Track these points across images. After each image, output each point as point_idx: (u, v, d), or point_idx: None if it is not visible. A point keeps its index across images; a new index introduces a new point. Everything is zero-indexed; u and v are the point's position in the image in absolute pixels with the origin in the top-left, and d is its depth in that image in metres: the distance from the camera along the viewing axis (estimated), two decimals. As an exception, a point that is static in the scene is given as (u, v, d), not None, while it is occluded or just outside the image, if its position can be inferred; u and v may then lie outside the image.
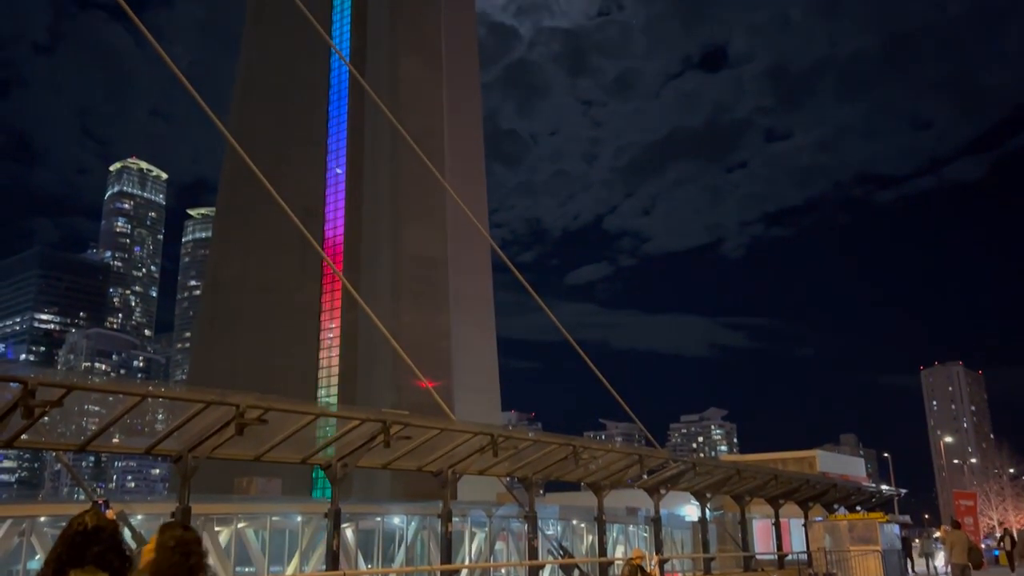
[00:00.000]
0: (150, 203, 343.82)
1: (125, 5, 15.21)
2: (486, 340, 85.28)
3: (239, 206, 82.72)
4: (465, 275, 79.89)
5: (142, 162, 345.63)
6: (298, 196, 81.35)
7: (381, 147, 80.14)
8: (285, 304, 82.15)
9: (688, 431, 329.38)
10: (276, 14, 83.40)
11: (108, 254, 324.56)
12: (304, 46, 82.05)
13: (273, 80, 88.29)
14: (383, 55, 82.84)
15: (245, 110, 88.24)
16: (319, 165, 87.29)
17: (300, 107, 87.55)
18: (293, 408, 16.24)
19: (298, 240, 73.69)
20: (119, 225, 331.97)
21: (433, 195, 73.58)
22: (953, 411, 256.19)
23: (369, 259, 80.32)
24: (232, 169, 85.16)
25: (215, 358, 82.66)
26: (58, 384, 12.22)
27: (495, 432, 20.17)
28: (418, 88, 79.85)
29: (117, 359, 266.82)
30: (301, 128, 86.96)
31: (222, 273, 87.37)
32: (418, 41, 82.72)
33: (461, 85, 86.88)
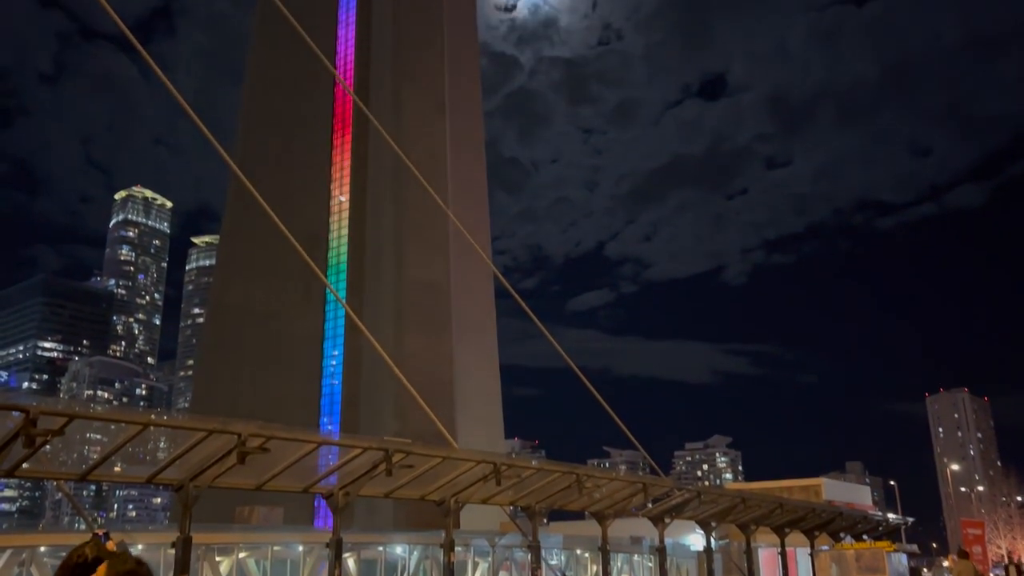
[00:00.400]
0: (154, 231, 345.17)
1: (131, 36, 15.37)
2: (489, 367, 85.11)
3: (243, 234, 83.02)
4: (468, 302, 79.92)
5: (147, 190, 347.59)
6: (302, 223, 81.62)
7: (384, 175, 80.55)
8: (288, 331, 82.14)
9: (692, 459, 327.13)
10: (281, 45, 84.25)
11: (112, 282, 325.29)
12: (309, 76, 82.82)
13: (278, 109, 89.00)
14: (387, 84, 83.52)
15: (250, 139, 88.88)
16: (323, 192, 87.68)
17: (304, 135, 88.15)
18: (295, 436, 16.16)
19: (302, 267, 73.89)
20: (123, 253, 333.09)
21: (436, 222, 73.83)
22: (959, 438, 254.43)
23: (372, 286, 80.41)
24: (236, 197, 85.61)
25: (218, 385, 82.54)
26: (60, 413, 12.19)
27: (498, 460, 20.05)
28: (421, 116, 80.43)
29: (120, 387, 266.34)
30: (305, 156, 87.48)
31: (226, 300, 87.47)
32: (422, 70, 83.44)
33: (464, 113, 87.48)
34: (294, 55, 78.15)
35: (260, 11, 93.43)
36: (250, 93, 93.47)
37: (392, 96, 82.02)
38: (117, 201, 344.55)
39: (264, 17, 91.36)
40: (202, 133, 20.08)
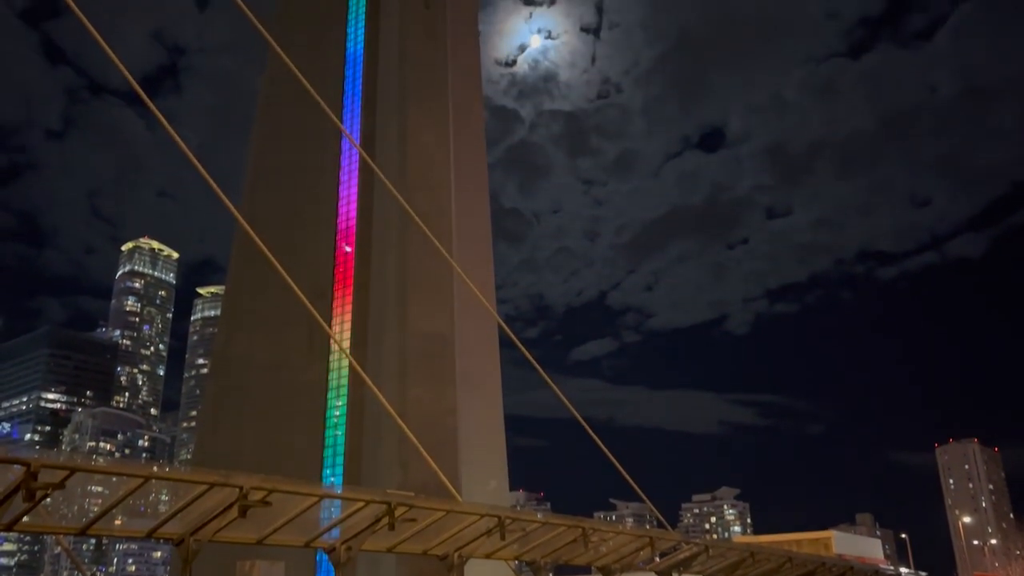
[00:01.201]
0: (160, 282, 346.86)
1: (141, 92, 15.69)
2: (493, 418, 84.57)
3: (248, 284, 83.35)
4: (472, 352, 79.80)
5: (153, 241, 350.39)
6: (307, 274, 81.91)
7: (390, 226, 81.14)
8: (292, 382, 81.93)
9: (700, 511, 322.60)
10: (288, 98, 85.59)
11: (117, 333, 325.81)
12: (315, 128, 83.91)
13: (284, 161, 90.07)
14: (393, 136, 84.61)
15: (256, 191, 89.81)
16: (328, 243, 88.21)
17: (311, 187, 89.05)
18: (297, 490, 16.02)
19: (306, 318, 73.87)
20: (129, 304, 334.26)
21: (441, 273, 74.08)
22: (971, 489, 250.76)
23: (376, 336, 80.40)
24: (242, 248, 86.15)
25: (220, 437, 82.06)
26: (61, 466, 12.12)
27: (502, 514, 19.82)
28: (427, 168, 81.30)
29: (122, 438, 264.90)
30: (311, 208, 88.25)
31: (229, 351, 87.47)
32: (427, 122, 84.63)
33: (469, 165, 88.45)
34: (301, 109, 79.27)
35: (269, 68, 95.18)
36: (257, 146, 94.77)
37: (398, 148, 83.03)
38: (124, 252, 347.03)
39: (273, 73, 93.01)
40: (209, 185, 20.35)
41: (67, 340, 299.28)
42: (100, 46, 14.79)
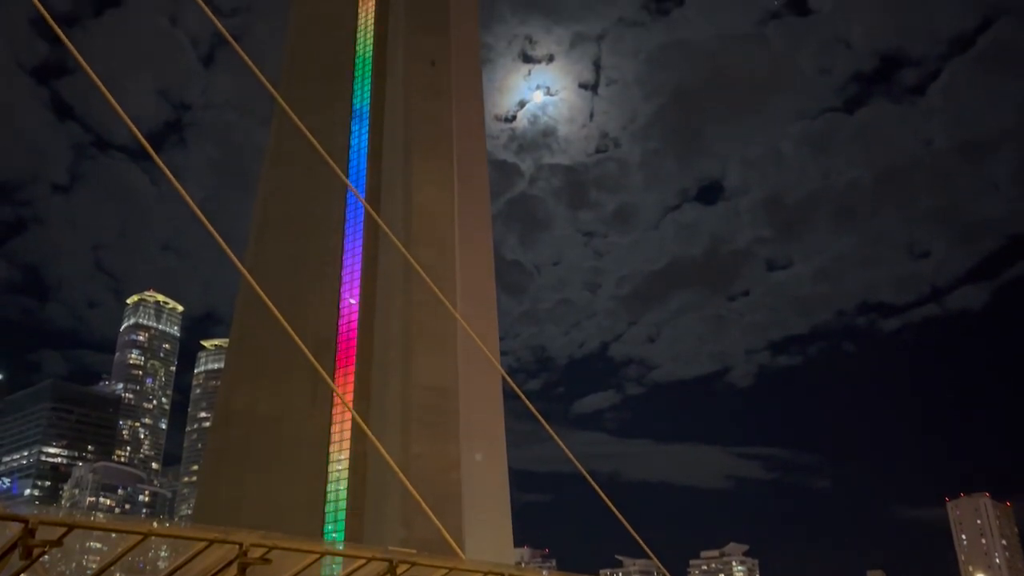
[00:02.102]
0: (165, 335, 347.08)
1: (148, 147, 15.89)
2: (497, 472, 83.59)
3: (252, 337, 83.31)
4: (476, 405, 79.24)
5: (159, 294, 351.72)
6: (311, 326, 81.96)
7: (394, 278, 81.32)
8: (294, 436, 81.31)
9: (709, 567, 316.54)
10: (294, 152, 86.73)
11: (120, 386, 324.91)
12: (321, 181, 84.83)
13: (289, 213, 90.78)
14: (398, 190, 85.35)
15: (261, 244, 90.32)
16: (333, 295, 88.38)
17: (316, 240, 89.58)
18: (297, 547, 15.77)
19: (309, 371, 73.71)
20: (133, 357, 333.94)
21: (445, 325, 74.01)
22: (984, 545, 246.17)
23: (380, 389, 79.99)
24: (246, 300, 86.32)
25: (222, 491, 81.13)
26: (59, 522, 11.96)
27: (507, 571, 19.46)
28: (431, 221, 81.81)
29: (123, 493, 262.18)
30: (316, 260, 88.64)
31: (232, 404, 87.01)
32: (432, 177, 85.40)
33: (473, 217, 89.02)
34: (307, 163, 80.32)
35: (276, 123, 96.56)
36: (263, 199, 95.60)
37: (403, 202, 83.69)
38: (129, 305, 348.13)
39: (279, 128, 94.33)
40: (214, 238, 20.47)
41: (69, 394, 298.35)
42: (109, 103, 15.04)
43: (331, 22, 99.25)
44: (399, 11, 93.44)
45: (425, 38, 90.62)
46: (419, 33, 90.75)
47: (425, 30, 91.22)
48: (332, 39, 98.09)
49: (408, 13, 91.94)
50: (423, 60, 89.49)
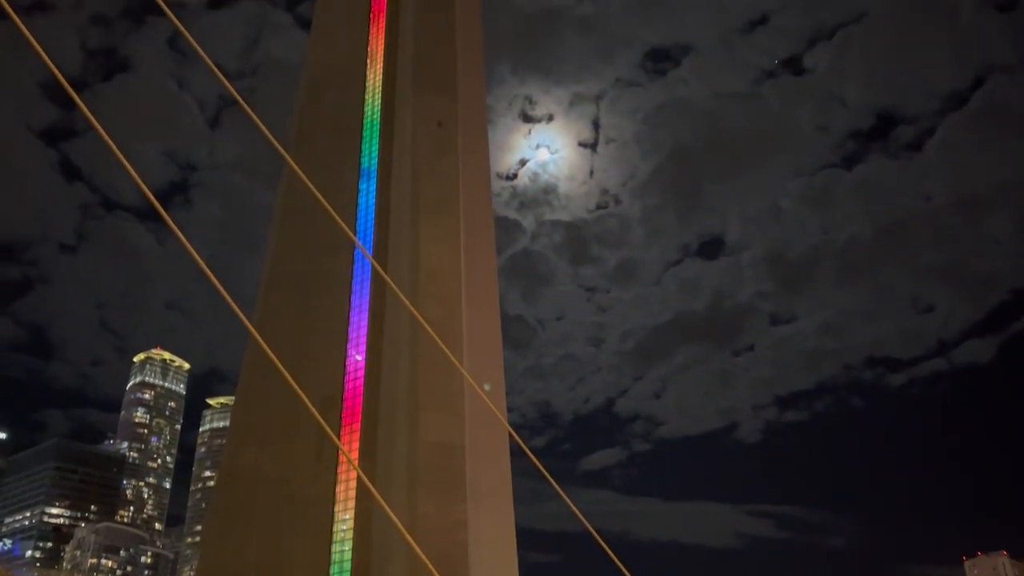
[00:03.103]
0: (170, 393, 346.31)
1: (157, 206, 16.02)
2: (504, 531, 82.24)
3: (258, 395, 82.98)
4: (482, 463, 78.38)
5: (165, 352, 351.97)
6: (317, 384, 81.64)
7: (401, 335, 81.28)
8: (299, 495, 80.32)
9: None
10: (302, 209, 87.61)
11: (125, 445, 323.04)
12: (329, 239, 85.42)
13: (297, 270, 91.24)
14: (405, 247, 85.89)
15: (268, 301, 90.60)
16: (339, 352, 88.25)
17: (323, 298, 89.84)
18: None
19: (315, 429, 73.26)
20: (138, 415, 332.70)
21: (452, 382, 73.66)
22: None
23: (385, 447, 79.28)
24: (253, 358, 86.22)
25: (225, 553, 79.87)
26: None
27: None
28: (438, 278, 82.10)
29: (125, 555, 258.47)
30: (323, 318, 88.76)
31: (237, 463, 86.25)
32: (439, 234, 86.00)
33: (479, 274, 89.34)
34: (315, 220, 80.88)
35: (285, 181, 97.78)
36: (272, 256, 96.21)
37: (410, 259, 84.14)
38: (135, 363, 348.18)
39: (288, 186, 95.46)
40: (220, 296, 20.48)
41: (74, 453, 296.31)
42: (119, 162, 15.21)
43: (340, 84, 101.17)
44: (407, 73, 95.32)
45: (433, 99, 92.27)
46: (427, 94, 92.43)
47: (433, 91, 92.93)
48: (341, 100, 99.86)
49: (416, 75, 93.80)
50: (430, 120, 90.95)
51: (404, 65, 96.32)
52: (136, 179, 14.56)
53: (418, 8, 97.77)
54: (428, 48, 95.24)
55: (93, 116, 13.24)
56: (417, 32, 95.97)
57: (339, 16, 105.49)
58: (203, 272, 18.92)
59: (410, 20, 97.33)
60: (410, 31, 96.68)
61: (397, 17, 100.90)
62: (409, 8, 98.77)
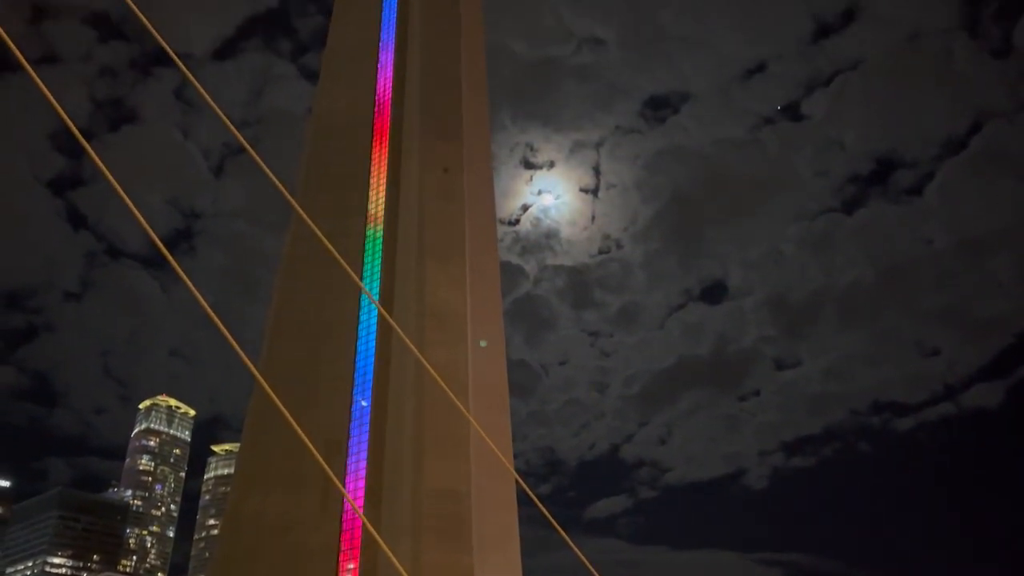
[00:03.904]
0: (175, 440, 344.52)
1: (165, 252, 16.16)
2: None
3: (263, 441, 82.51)
4: (489, 510, 77.46)
5: (171, 399, 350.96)
6: (322, 430, 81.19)
7: (407, 379, 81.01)
8: (303, 544, 79.35)
9: None
10: (309, 255, 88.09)
11: (129, 493, 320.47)
12: (336, 284, 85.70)
13: (303, 317, 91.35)
14: (412, 292, 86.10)
15: (274, 347, 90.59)
16: (345, 397, 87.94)
17: (329, 343, 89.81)
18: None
19: (320, 476, 72.61)
20: (143, 463, 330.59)
21: (458, 428, 73.17)
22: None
23: (391, 494, 78.51)
24: (258, 404, 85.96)
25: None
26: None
27: None
28: (444, 322, 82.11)
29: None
30: (328, 363, 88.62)
31: (242, 510, 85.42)
32: (445, 279, 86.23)
33: (485, 318, 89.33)
34: (322, 266, 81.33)
35: (292, 228, 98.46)
36: (278, 302, 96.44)
37: (416, 304, 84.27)
38: (141, 410, 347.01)
39: (296, 233, 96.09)
40: (226, 342, 20.51)
41: (77, 502, 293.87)
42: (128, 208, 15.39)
43: (348, 132, 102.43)
44: (413, 120, 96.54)
45: (439, 145, 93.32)
46: (433, 141, 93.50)
47: (439, 138, 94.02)
48: (349, 147, 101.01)
49: (423, 122, 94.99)
50: (437, 166, 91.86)
51: (411, 113, 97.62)
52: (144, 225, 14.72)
53: (424, 58, 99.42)
54: (434, 96, 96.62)
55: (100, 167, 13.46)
56: (423, 81, 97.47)
57: (347, 66, 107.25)
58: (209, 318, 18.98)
59: (416, 69, 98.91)
60: (416, 80, 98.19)
61: (404, 66, 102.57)
62: (416, 58, 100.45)
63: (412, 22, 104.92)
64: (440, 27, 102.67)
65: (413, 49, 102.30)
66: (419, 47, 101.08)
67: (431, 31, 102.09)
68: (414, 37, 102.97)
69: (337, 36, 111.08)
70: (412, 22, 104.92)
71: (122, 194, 13.92)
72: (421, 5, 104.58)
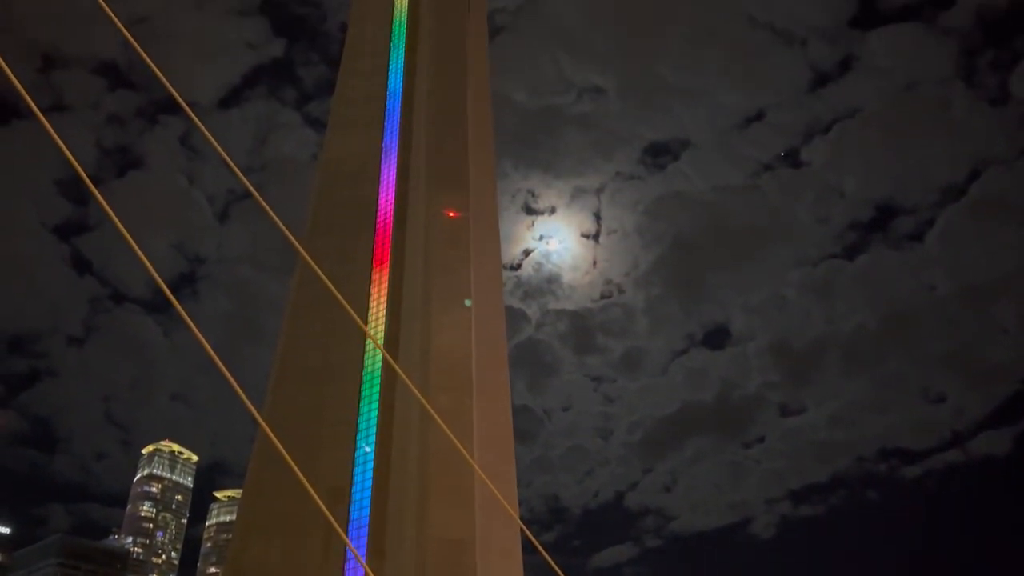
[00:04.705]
0: (177, 486, 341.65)
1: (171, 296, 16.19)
2: (517, 633, 79.41)
3: (266, 488, 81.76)
4: (493, 559, 76.31)
5: (174, 444, 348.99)
6: (325, 477, 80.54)
7: (411, 425, 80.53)
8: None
9: None
10: (315, 301, 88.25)
11: (130, 540, 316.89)
12: (340, 330, 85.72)
13: (308, 363, 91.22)
14: (417, 337, 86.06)
15: (279, 393, 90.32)
16: (348, 443, 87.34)
17: (333, 388, 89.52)
18: None
19: (323, 523, 71.75)
20: (144, 509, 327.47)
21: (462, 474, 72.43)
22: None
23: (394, 542, 77.48)
24: (261, 450, 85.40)
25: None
26: None
27: None
28: (449, 367, 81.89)
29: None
30: (333, 408, 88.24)
31: (243, 558, 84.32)
32: (450, 324, 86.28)
33: (490, 362, 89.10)
34: (328, 312, 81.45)
35: (298, 273, 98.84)
36: (283, 348, 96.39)
37: (420, 350, 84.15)
38: (144, 455, 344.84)
39: (302, 278, 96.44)
40: (225, 388, 20.45)
41: (78, 549, 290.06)
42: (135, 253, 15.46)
43: (356, 178, 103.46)
44: (420, 167, 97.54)
45: (445, 191, 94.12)
46: (439, 187, 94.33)
47: (445, 184, 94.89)
48: (356, 194, 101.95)
49: (429, 169, 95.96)
50: (443, 212, 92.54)
51: (417, 159, 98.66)
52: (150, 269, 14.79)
53: (432, 106, 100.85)
54: (441, 144, 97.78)
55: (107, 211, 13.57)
56: (430, 129, 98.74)
57: (356, 114, 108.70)
58: (213, 362, 18.95)
59: (423, 118, 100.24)
60: (423, 128, 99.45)
61: (411, 114, 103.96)
62: (423, 106, 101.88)
63: (420, 71, 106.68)
64: (447, 76, 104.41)
65: (420, 97, 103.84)
66: (426, 94, 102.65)
67: (438, 80, 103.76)
68: (421, 85, 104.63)
69: (346, 84, 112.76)
70: (420, 71, 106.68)
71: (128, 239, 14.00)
72: (429, 55, 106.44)
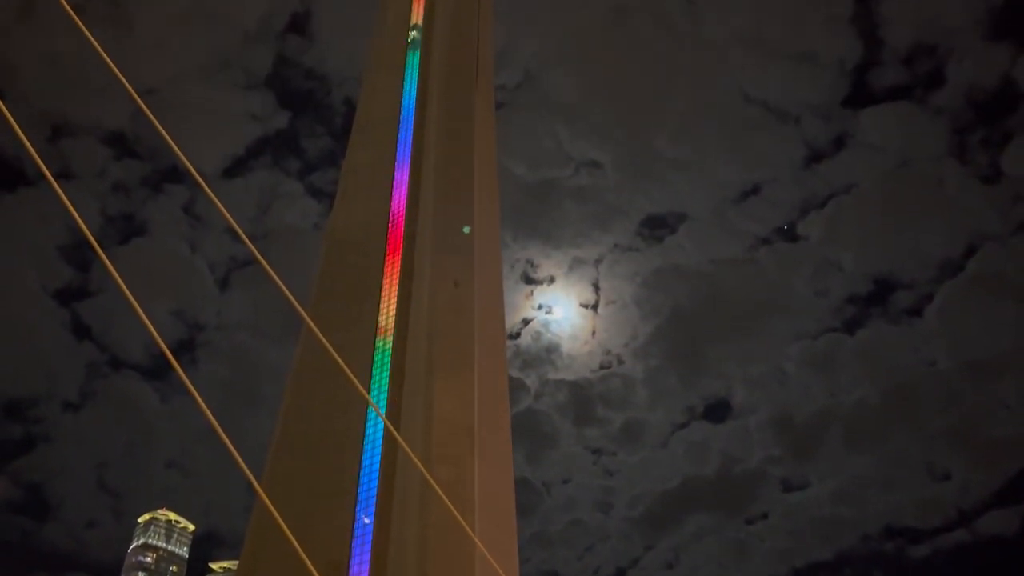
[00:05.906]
0: (173, 556, 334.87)
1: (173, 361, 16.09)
2: None
3: (263, 560, 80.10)
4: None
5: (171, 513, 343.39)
6: (323, 549, 78.86)
7: (411, 497, 79.31)
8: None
9: None
10: (318, 370, 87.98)
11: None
12: (343, 399, 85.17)
13: (309, 432, 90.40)
14: (419, 406, 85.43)
15: (278, 463, 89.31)
16: (347, 514, 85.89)
17: (333, 457, 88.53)
18: None
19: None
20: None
21: (462, 548, 70.98)
22: None
23: (392, 619, 75.48)
24: (259, 520, 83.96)
25: None
26: None
27: None
28: (451, 438, 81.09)
29: None
30: (332, 478, 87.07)
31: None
32: (453, 393, 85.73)
33: (492, 432, 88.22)
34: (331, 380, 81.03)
35: (302, 341, 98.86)
36: (283, 417, 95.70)
37: (423, 418, 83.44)
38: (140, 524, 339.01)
39: (305, 346, 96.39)
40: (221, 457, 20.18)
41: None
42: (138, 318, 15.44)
43: (361, 246, 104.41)
44: (426, 235, 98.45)
45: (450, 260, 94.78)
46: (445, 255, 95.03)
47: (450, 252, 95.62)
48: (361, 261, 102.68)
49: (435, 237, 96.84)
50: (447, 280, 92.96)
51: (424, 228, 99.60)
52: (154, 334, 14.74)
53: (438, 174, 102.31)
54: (447, 212, 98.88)
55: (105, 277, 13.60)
56: (436, 197, 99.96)
57: (364, 183, 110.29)
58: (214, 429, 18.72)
59: (430, 186, 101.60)
60: (430, 197, 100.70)
61: (419, 183, 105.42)
62: (430, 175, 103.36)
63: (427, 141, 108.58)
64: (454, 146, 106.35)
65: (428, 167, 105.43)
66: (434, 165, 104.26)
67: (445, 151, 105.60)
68: (429, 155, 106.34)
69: (355, 154, 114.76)
70: (427, 141, 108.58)
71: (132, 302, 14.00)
72: (436, 127, 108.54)
